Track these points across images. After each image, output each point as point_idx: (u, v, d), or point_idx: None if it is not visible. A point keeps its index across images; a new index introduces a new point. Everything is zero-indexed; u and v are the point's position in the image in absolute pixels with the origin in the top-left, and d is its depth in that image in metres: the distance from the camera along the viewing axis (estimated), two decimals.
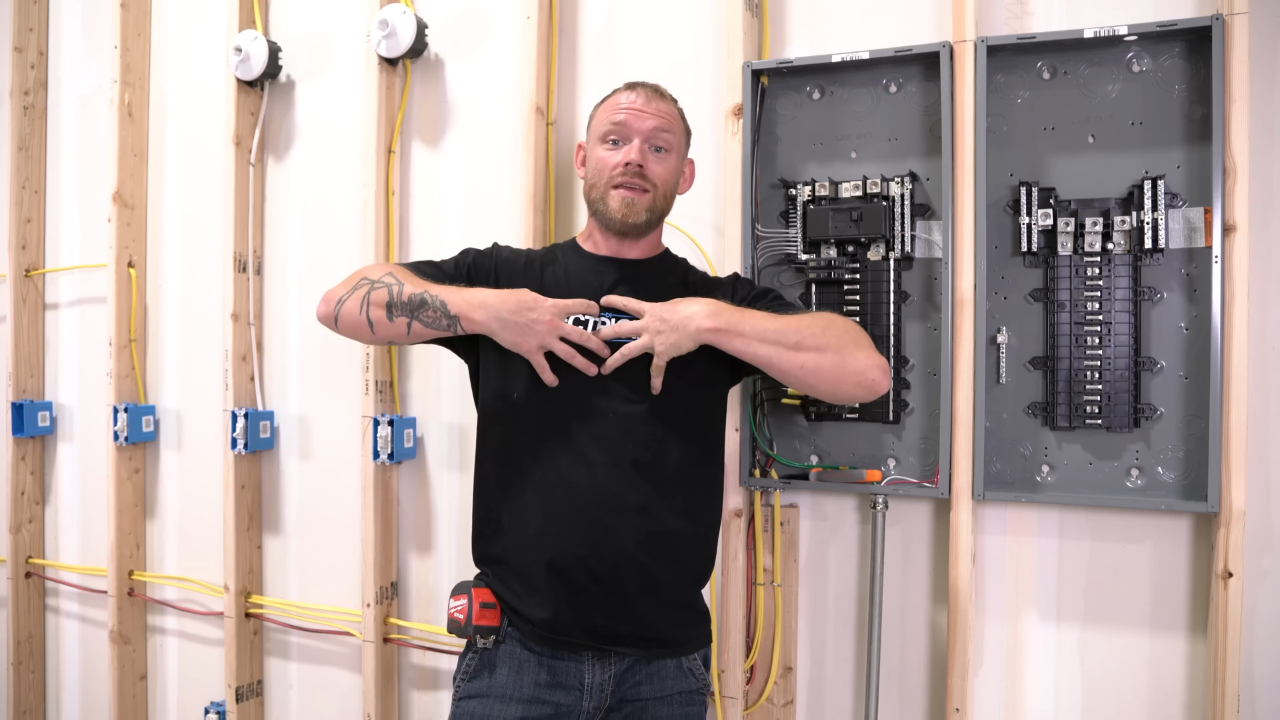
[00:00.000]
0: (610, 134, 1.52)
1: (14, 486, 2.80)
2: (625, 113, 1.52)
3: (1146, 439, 1.61)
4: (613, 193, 1.51)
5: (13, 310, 2.80)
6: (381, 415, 2.13)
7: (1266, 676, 1.57)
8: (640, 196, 1.51)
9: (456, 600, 1.48)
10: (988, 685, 1.74)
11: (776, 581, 1.86)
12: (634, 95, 1.54)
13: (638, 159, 1.49)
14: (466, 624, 1.46)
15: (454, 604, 1.48)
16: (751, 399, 1.82)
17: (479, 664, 1.47)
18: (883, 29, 1.82)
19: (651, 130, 1.52)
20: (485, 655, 1.47)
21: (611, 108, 1.54)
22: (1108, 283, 1.62)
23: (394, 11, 2.14)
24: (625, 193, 1.50)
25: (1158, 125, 1.60)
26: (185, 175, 2.60)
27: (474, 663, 1.48)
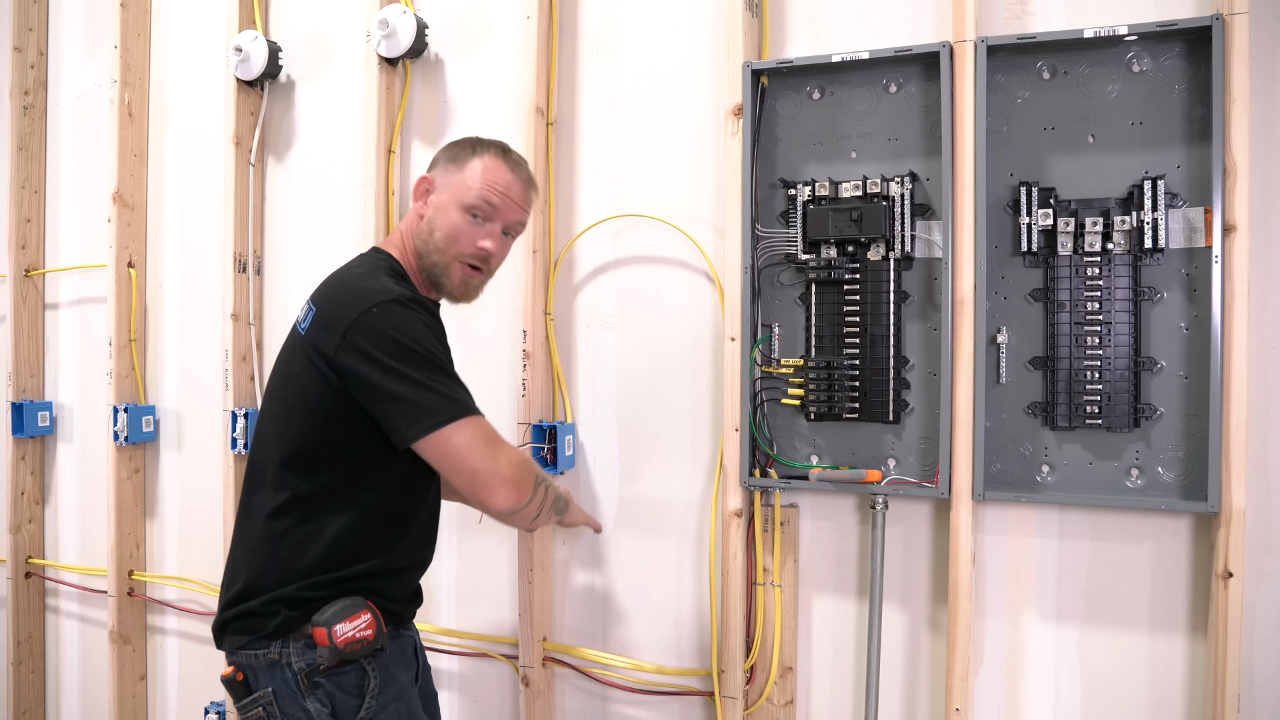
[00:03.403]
0: (477, 209, 1.50)
1: (14, 486, 2.80)
2: (501, 198, 1.52)
3: (1146, 439, 1.61)
4: (456, 266, 1.52)
5: (13, 310, 2.80)
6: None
7: (1266, 676, 1.57)
8: (479, 277, 1.56)
9: (356, 620, 1.39)
10: (988, 685, 1.74)
11: (776, 581, 1.86)
12: (513, 181, 1.54)
13: (494, 249, 1.53)
14: (377, 636, 1.41)
15: (355, 624, 1.39)
16: (752, 399, 1.82)
17: (379, 669, 1.44)
18: (883, 29, 1.82)
19: (514, 221, 1.56)
20: (380, 659, 1.44)
21: (489, 184, 1.51)
22: (1108, 283, 1.62)
23: (394, 11, 2.14)
24: (469, 272, 1.53)
25: (1158, 125, 1.60)
26: (185, 175, 2.61)
27: (375, 671, 1.43)
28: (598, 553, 2.07)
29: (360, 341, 1.34)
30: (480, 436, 1.36)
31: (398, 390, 1.33)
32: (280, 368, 1.49)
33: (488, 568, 2.16)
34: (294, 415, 1.41)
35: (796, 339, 1.84)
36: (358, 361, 1.34)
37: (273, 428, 1.45)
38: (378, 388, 1.34)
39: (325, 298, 1.43)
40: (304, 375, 1.40)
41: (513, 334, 2.07)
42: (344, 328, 1.35)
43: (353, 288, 1.42)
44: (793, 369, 1.82)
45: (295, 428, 1.41)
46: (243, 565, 1.45)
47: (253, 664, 1.41)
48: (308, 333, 1.41)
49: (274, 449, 1.43)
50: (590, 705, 2.08)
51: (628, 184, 2.04)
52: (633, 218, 2.02)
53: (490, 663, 2.17)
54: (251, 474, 1.49)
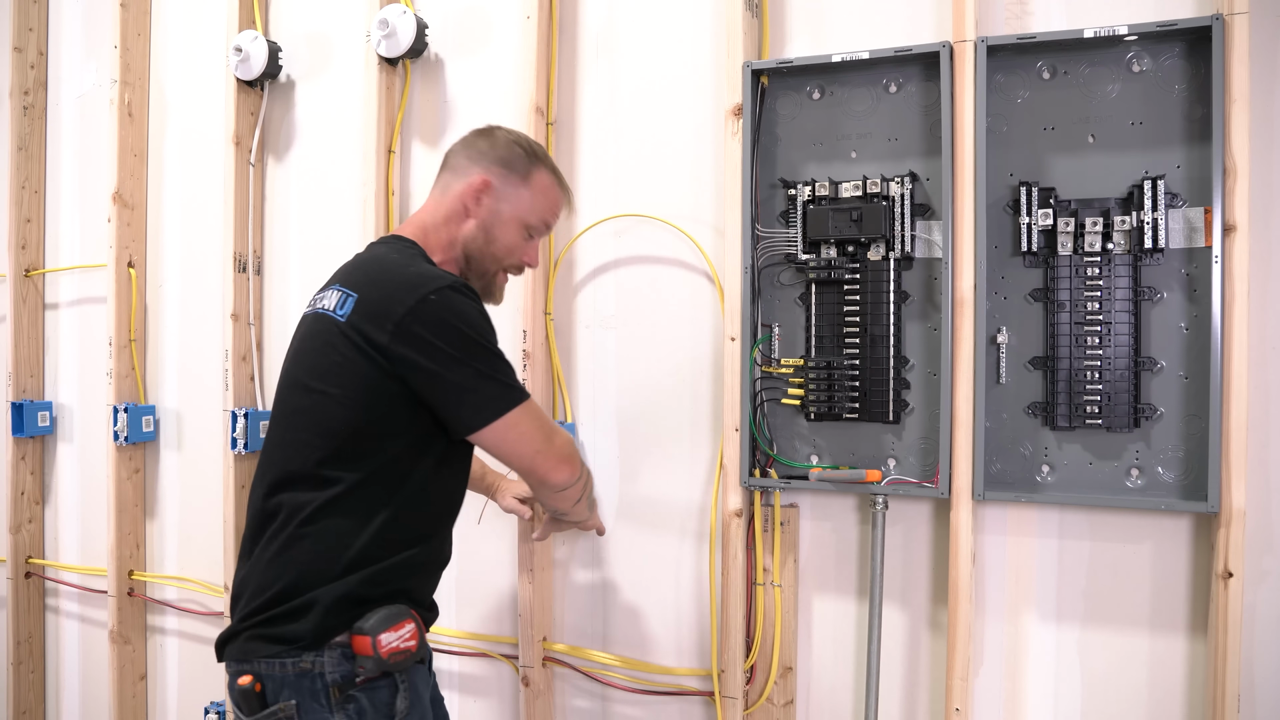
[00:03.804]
0: (537, 230, 1.56)
1: (14, 486, 2.80)
2: (555, 221, 1.60)
3: (1146, 439, 1.61)
4: (502, 274, 1.57)
5: (13, 310, 2.80)
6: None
7: (1266, 676, 1.56)
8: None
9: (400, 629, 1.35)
10: (988, 685, 1.74)
11: (776, 581, 1.86)
12: (564, 202, 1.61)
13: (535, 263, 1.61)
14: (420, 647, 1.38)
15: (399, 634, 1.35)
16: (752, 399, 1.82)
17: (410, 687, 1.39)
18: (883, 29, 1.82)
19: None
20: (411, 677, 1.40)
21: (551, 207, 1.57)
22: (1108, 283, 1.62)
23: (394, 11, 2.14)
24: (507, 279, 1.60)
25: (1158, 125, 1.60)
26: (185, 175, 2.61)
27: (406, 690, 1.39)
28: (598, 553, 2.07)
29: (419, 330, 1.31)
30: (537, 418, 1.41)
31: (460, 379, 1.33)
32: (310, 359, 1.42)
33: (488, 568, 2.16)
34: (339, 405, 1.35)
35: (796, 339, 1.84)
36: (417, 349, 1.31)
37: (307, 421, 1.38)
38: (440, 376, 1.32)
39: (370, 284, 1.38)
40: (349, 364, 1.35)
41: (513, 334, 2.07)
42: (400, 314, 1.31)
43: (403, 274, 1.38)
44: (793, 369, 1.82)
45: (341, 419, 1.35)
46: (271, 569, 1.37)
47: (277, 674, 1.33)
48: (350, 320, 1.36)
49: (311, 445, 1.37)
50: (590, 705, 2.08)
51: (628, 184, 2.04)
52: (633, 218, 2.02)
53: (490, 663, 2.17)
54: (277, 475, 1.40)
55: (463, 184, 1.49)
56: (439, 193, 1.53)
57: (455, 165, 1.53)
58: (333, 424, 1.36)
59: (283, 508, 1.38)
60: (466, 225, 1.49)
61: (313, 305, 1.48)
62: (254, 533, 1.42)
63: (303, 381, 1.41)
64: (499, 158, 1.51)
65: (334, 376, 1.36)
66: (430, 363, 1.32)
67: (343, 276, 1.44)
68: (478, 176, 1.49)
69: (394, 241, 1.49)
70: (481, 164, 1.50)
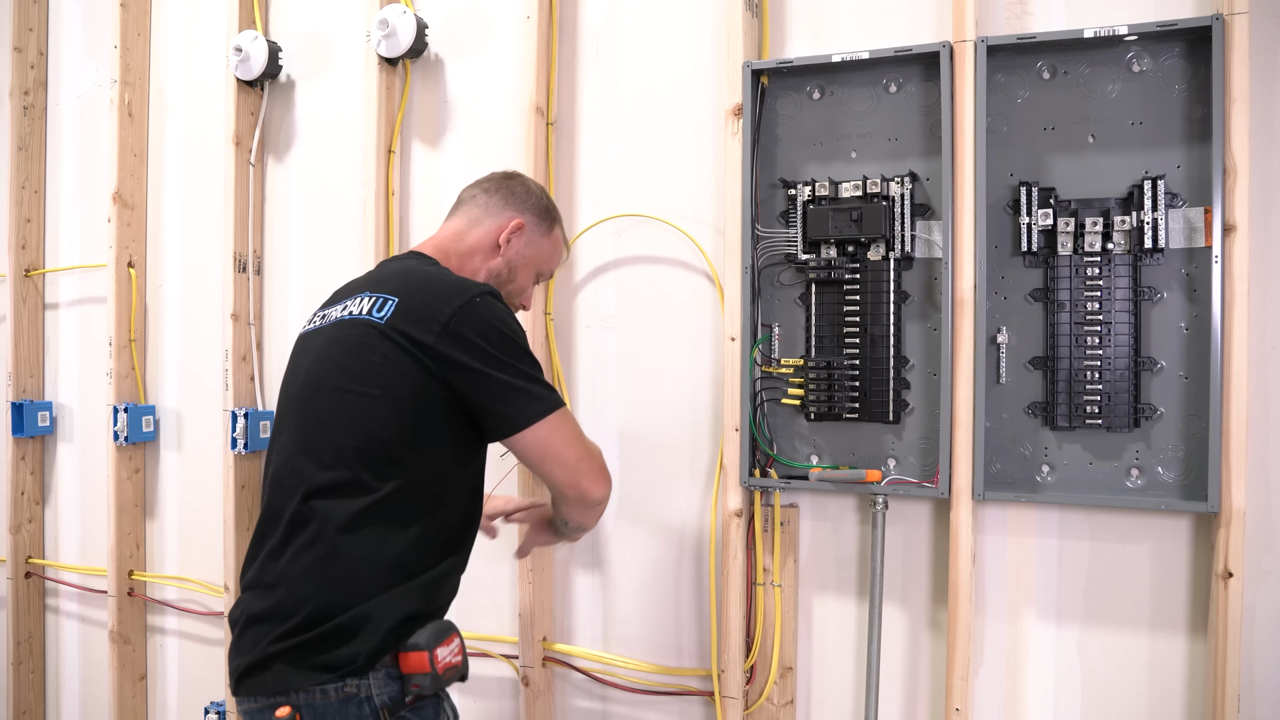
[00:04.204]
0: (544, 277, 1.66)
1: (14, 486, 2.80)
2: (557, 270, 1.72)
3: (1146, 439, 1.61)
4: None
5: (13, 310, 2.80)
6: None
7: (1266, 676, 1.56)
8: None
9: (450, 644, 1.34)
10: (988, 685, 1.74)
11: (776, 581, 1.86)
12: (563, 264, 1.69)
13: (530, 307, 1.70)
14: (465, 663, 1.37)
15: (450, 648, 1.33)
16: (752, 399, 1.82)
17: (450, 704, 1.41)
18: (883, 29, 1.82)
19: None
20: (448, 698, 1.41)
21: (558, 260, 1.68)
22: (1108, 283, 1.62)
23: (394, 11, 2.14)
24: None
25: (1158, 125, 1.60)
26: (185, 175, 2.61)
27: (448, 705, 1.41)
28: (598, 553, 2.07)
29: (465, 330, 1.32)
30: (575, 427, 1.40)
31: (505, 379, 1.32)
32: (342, 362, 1.37)
33: (488, 567, 2.16)
34: (381, 406, 1.32)
35: (796, 339, 1.84)
36: (464, 349, 1.31)
37: (345, 425, 1.33)
38: (485, 376, 1.32)
39: (411, 289, 1.38)
40: (391, 364, 1.32)
41: None
42: (447, 316, 1.32)
43: (445, 279, 1.41)
44: (793, 369, 1.82)
45: (382, 420, 1.32)
46: (306, 584, 1.29)
47: (319, 701, 1.25)
48: (390, 322, 1.34)
49: (350, 449, 1.32)
50: (590, 705, 2.08)
51: (628, 184, 2.04)
52: (633, 218, 2.02)
53: (490, 663, 2.17)
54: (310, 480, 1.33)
55: (497, 222, 1.55)
56: (464, 224, 1.56)
57: (485, 203, 1.57)
58: (373, 426, 1.32)
59: (315, 514, 1.31)
60: (496, 261, 1.55)
61: (328, 316, 1.46)
62: (280, 543, 1.34)
63: (334, 384, 1.37)
64: (535, 206, 1.59)
65: (375, 377, 1.33)
66: (476, 362, 1.32)
67: (374, 284, 1.43)
68: (516, 218, 1.56)
69: (422, 257, 1.51)
70: (516, 207, 1.57)
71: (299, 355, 1.49)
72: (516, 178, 1.61)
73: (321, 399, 1.38)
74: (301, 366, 1.45)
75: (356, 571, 1.29)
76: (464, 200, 1.60)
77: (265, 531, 1.38)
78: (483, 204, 1.57)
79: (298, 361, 1.48)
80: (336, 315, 1.43)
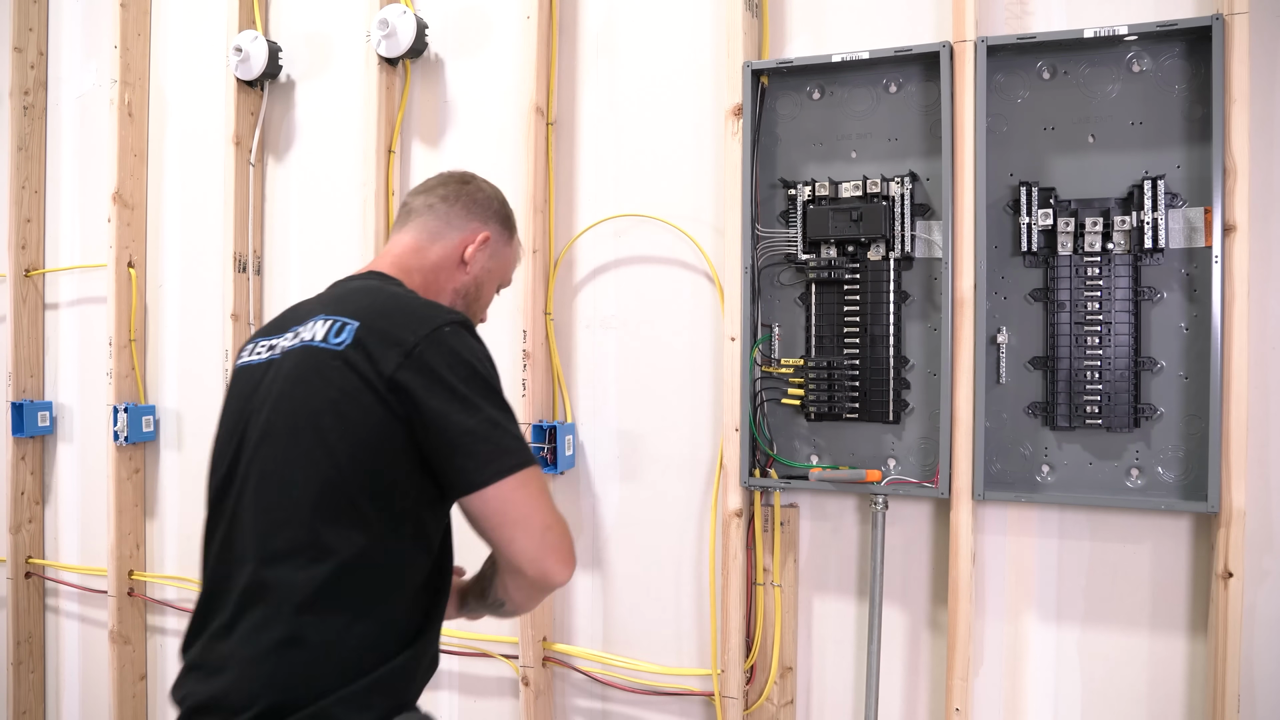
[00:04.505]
0: (505, 285, 1.49)
1: (14, 486, 2.80)
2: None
3: (1146, 439, 1.61)
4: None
5: (13, 310, 2.80)
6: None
7: (1266, 676, 1.56)
8: None
9: None
10: (988, 685, 1.74)
11: (776, 581, 1.86)
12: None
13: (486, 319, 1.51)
14: None
15: None
16: (752, 399, 1.82)
17: None
18: (883, 29, 1.82)
19: None
20: None
21: (517, 262, 1.51)
22: (1108, 283, 1.62)
23: (394, 11, 2.14)
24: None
25: (1158, 125, 1.60)
26: (185, 175, 2.60)
27: None
28: (598, 553, 2.07)
29: (431, 360, 1.13)
30: (546, 491, 1.17)
31: (469, 424, 1.12)
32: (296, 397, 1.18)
33: None
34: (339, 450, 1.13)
35: (796, 339, 1.83)
36: (425, 383, 1.12)
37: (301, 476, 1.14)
38: (446, 417, 1.12)
39: (374, 311, 1.20)
40: (351, 401, 1.14)
41: (513, 334, 2.07)
42: (411, 343, 1.14)
43: (412, 303, 1.24)
44: (793, 369, 1.82)
45: (342, 466, 1.13)
46: (259, 671, 1.10)
47: None
48: (349, 350, 1.16)
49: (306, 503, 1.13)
50: (590, 705, 2.08)
51: (628, 184, 2.04)
52: (633, 218, 2.02)
53: (490, 663, 2.17)
54: (264, 545, 1.14)
55: (461, 235, 1.38)
56: (422, 237, 1.37)
57: (445, 214, 1.38)
58: (332, 474, 1.13)
59: (270, 588, 1.12)
60: (464, 278, 1.39)
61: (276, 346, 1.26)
62: (230, 620, 1.14)
63: (288, 426, 1.17)
64: (498, 214, 1.43)
65: (331, 416, 1.14)
66: (437, 399, 1.12)
67: (329, 306, 1.24)
68: (481, 231, 1.39)
69: (383, 278, 1.33)
70: (480, 217, 1.40)
71: (240, 393, 1.27)
72: (473, 181, 1.44)
73: (272, 446, 1.17)
74: (247, 408, 1.23)
75: (318, 660, 1.10)
76: (417, 210, 1.39)
77: (211, 605, 1.18)
78: (442, 215, 1.38)
79: (240, 402, 1.26)
80: (286, 344, 1.23)
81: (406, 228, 1.39)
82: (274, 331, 1.29)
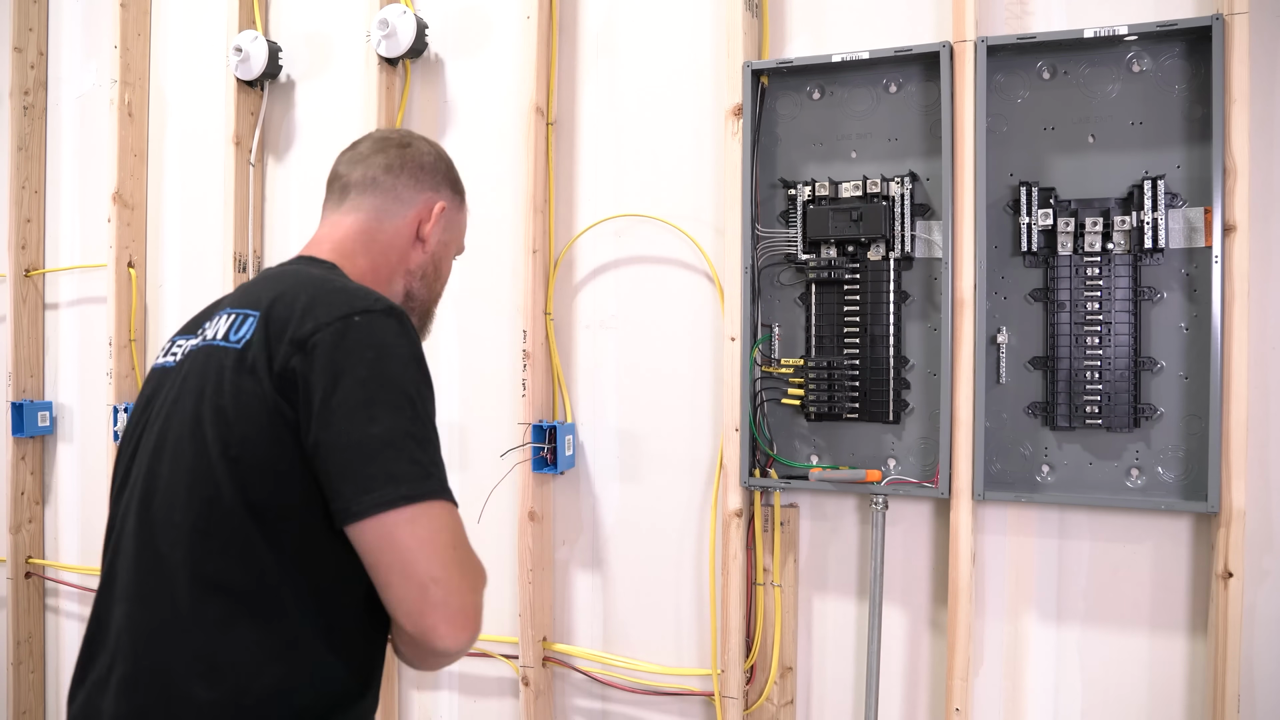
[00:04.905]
0: (459, 253, 1.32)
1: (14, 486, 2.80)
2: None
3: (1146, 439, 1.61)
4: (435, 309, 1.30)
5: (13, 310, 2.80)
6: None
7: (1266, 676, 1.56)
8: None
9: None
10: (988, 685, 1.74)
11: (776, 581, 1.86)
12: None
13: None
14: None
15: None
16: (752, 399, 1.82)
17: None
18: (883, 29, 1.82)
19: None
20: None
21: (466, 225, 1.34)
22: (1108, 283, 1.62)
23: (394, 11, 2.14)
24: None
25: (1158, 125, 1.60)
26: (185, 175, 2.60)
27: None
28: (598, 553, 2.07)
29: (328, 353, 0.95)
30: (450, 535, 0.94)
31: (356, 437, 0.92)
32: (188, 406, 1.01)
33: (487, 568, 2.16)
34: (223, 463, 0.96)
35: (796, 339, 1.83)
36: (312, 377, 0.94)
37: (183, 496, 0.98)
38: (328, 427, 0.93)
39: (278, 299, 1.02)
40: (241, 405, 0.97)
41: (513, 334, 2.07)
42: (308, 332, 0.96)
43: (326, 288, 1.04)
44: (793, 369, 1.82)
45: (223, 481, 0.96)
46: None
47: None
48: (246, 345, 1.00)
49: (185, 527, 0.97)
50: (590, 705, 2.08)
51: (628, 184, 2.04)
52: (633, 218, 2.02)
53: (490, 663, 2.17)
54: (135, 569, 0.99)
55: (413, 209, 1.21)
56: (369, 218, 1.19)
57: (393, 187, 1.21)
58: (213, 493, 0.96)
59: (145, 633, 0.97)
60: (420, 256, 1.22)
61: (183, 347, 1.10)
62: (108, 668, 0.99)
63: (174, 439, 1.01)
64: (447, 177, 1.26)
65: (217, 425, 0.97)
66: (325, 403, 0.93)
67: (237, 300, 1.09)
68: (435, 201, 1.23)
69: (313, 262, 1.16)
70: (431, 185, 1.23)
71: (143, 399, 1.12)
72: (413, 142, 1.25)
73: (156, 461, 1.02)
74: (142, 418, 1.09)
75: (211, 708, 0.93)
76: (357, 185, 1.21)
77: (92, 649, 1.02)
78: (388, 188, 1.20)
79: (139, 411, 1.11)
80: (191, 345, 1.08)
81: (345, 206, 1.21)
82: (188, 330, 1.14)
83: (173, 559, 0.96)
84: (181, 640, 0.95)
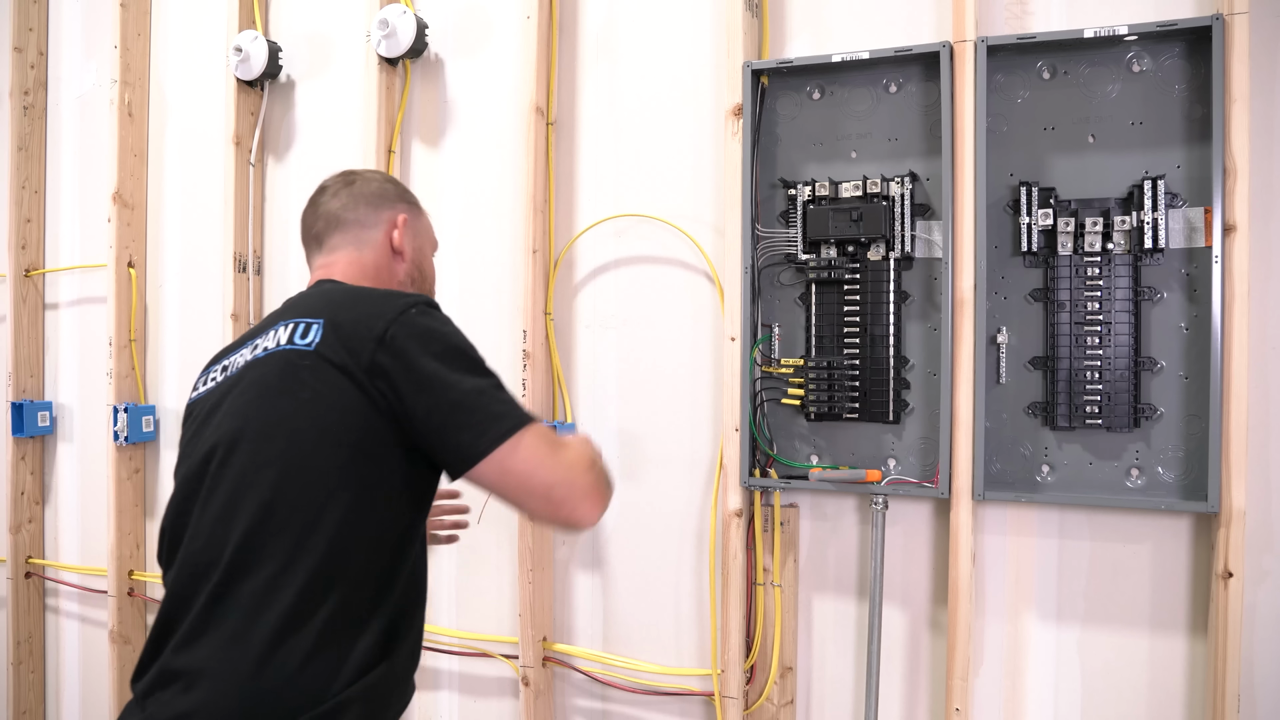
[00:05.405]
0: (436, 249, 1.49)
1: (14, 486, 2.80)
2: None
3: (1146, 439, 1.61)
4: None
5: (13, 310, 2.80)
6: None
7: (1266, 676, 1.56)
8: None
9: None
10: (988, 685, 1.74)
11: (776, 581, 1.86)
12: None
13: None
14: None
15: None
16: (752, 399, 1.82)
17: None
18: (883, 29, 1.82)
19: None
20: None
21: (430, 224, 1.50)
22: (1108, 283, 1.62)
23: (394, 11, 2.14)
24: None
25: (1158, 125, 1.60)
26: (185, 175, 2.61)
27: None
28: (598, 553, 2.07)
29: (405, 342, 1.12)
30: (545, 445, 1.13)
31: (457, 396, 1.11)
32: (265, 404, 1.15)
33: (487, 568, 2.16)
34: (318, 450, 1.11)
35: (796, 339, 1.84)
36: (405, 364, 1.11)
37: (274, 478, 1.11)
38: (429, 396, 1.11)
39: (337, 307, 1.19)
40: (325, 401, 1.12)
41: (513, 334, 2.07)
42: (382, 328, 1.12)
43: (375, 293, 1.23)
44: (793, 369, 1.82)
45: (321, 467, 1.11)
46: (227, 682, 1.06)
47: None
48: (319, 347, 1.14)
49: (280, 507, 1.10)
50: (590, 705, 2.08)
51: (628, 184, 2.04)
52: (633, 218, 2.02)
53: (490, 663, 2.17)
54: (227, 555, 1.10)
55: (381, 230, 1.37)
56: (351, 250, 1.35)
57: (357, 220, 1.37)
58: (311, 476, 1.11)
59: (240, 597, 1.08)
60: (402, 267, 1.39)
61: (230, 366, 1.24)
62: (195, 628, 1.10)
63: (258, 434, 1.14)
64: (395, 193, 1.42)
65: (305, 418, 1.12)
66: (419, 378, 1.11)
67: (285, 314, 1.23)
68: (395, 216, 1.38)
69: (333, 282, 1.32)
70: (388, 205, 1.39)
71: (197, 425, 1.23)
72: (357, 180, 1.40)
73: (242, 457, 1.13)
74: (205, 435, 1.19)
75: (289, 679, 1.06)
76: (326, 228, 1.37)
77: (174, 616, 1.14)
78: (353, 222, 1.36)
79: (197, 431, 1.22)
80: (244, 359, 1.21)
81: (326, 248, 1.37)
82: (223, 357, 1.29)
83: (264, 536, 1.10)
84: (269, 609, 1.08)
